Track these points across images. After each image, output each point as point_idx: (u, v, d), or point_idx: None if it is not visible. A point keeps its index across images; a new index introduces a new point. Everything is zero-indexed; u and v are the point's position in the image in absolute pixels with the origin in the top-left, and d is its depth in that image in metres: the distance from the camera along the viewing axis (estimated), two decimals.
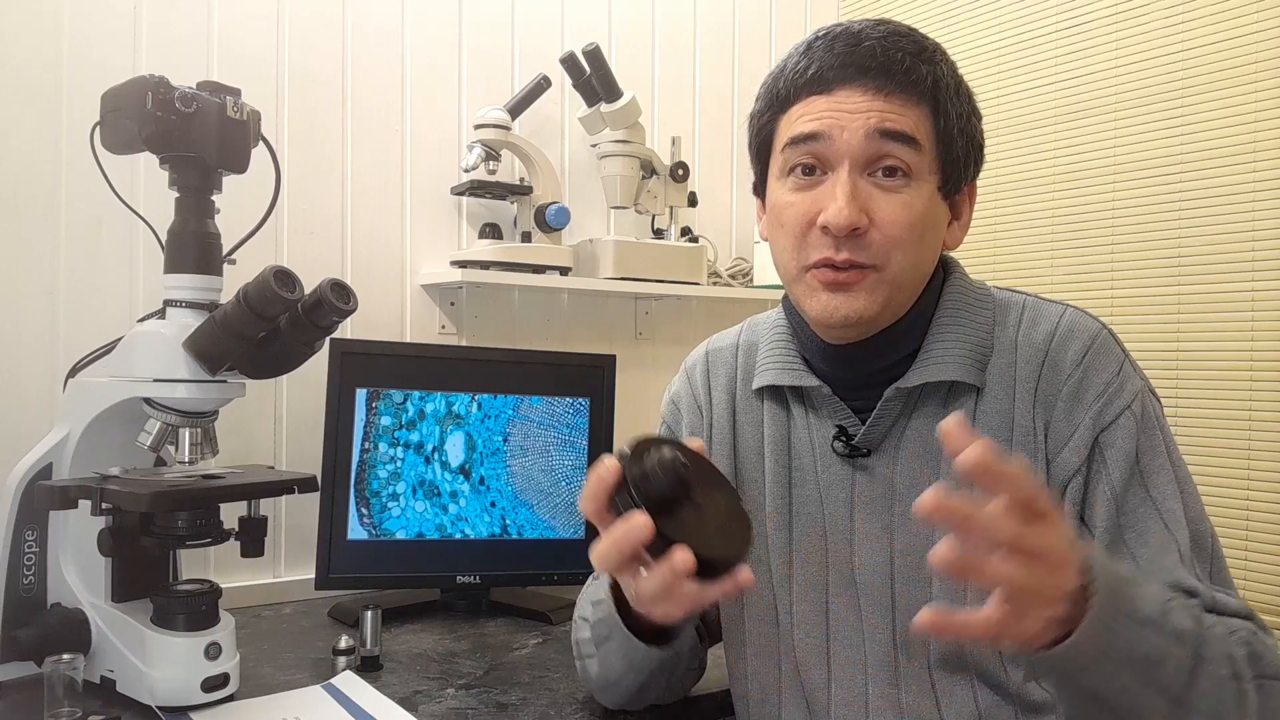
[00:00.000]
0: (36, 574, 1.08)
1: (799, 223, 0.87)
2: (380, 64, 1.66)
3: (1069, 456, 0.85)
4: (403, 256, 1.69)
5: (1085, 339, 0.88)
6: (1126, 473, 0.84)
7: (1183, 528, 0.83)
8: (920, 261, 0.89)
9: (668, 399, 1.12)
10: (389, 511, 1.44)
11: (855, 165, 0.85)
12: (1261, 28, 1.53)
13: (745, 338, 1.07)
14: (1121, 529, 0.84)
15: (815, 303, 0.87)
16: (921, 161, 0.86)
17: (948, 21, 1.98)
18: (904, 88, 0.85)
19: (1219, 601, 0.80)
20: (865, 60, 0.85)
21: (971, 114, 0.90)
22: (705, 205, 2.00)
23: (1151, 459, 0.85)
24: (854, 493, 0.93)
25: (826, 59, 0.86)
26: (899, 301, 0.89)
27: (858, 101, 0.85)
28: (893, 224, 0.85)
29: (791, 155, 0.88)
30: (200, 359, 1.03)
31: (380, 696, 1.07)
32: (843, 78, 0.85)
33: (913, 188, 0.86)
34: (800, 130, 0.87)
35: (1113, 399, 0.85)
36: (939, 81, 0.86)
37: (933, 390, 0.90)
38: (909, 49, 0.86)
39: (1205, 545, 0.84)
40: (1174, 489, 0.84)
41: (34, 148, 1.36)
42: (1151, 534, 0.83)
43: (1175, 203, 1.63)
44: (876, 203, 0.85)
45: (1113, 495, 0.84)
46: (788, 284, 0.92)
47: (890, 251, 0.85)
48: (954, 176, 0.89)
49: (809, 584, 0.95)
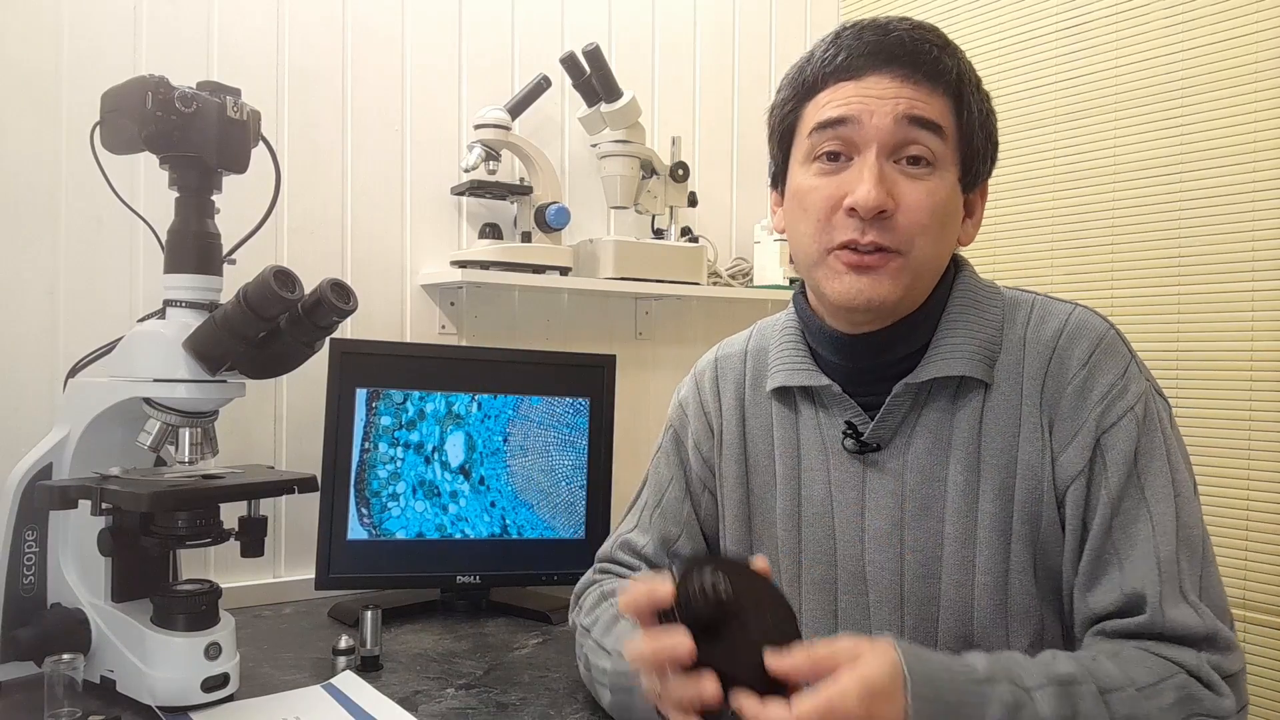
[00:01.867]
0: (36, 574, 1.08)
1: (824, 206, 0.88)
2: (380, 64, 1.66)
3: (1072, 457, 0.86)
4: (403, 256, 1.69)
5: (1093, 338, 0.88)
6: (1124, 475, 0.84)
7: (1169, 533, 0.83)
8: (941, 251, 0.89)
9: (675, 402, 1.13)
10: (389, 511, 1.44)
11: (883, 150, 0.86)
12: (1261, 28, 1.53)
13: (754, 343, 1.08)
14: (1112, 529, 0.84)
15: (839, 285, 0.88)
16: (945, 151, 0.87)
17: (948, 22, 1.98)
18: (931, 77, 0.86)
19: (1170, 622, 0.80)
20: (894, 48, 0.86)
21: (990, 111, 0.92)
22: (705, 205, 2.00)
23: (1150, 460, 0.85)
24: (864, 490, 0.93)
25: (856, 46, 0.87)
26: (918, 290, 0.90)
27: (886, 87, 0.86)
28: (918, 209, 0.86)
29: (818, 140, 0.89)
30: (200, 359, 1.03)
31: (380, 696, 1.06)
32: (872, 65, 0.87)
33: (936, 176, 0.87)
34: (829, 115, 0.87)
35: (1115, 401, 0.86)
36: (963, 75, 0.88)
37: (942, 386, 0.90)
38: (935, 41, 0.88)
39: (1195, 549, 0.84)
40: (1169, 492, 0.84)
41: (34, 148, 1.36)
42: (1138, 537, 0.83)
43: (1175, 203, 1.63)
44: (901, 188, 0.86)
45: (1110, 498, 0.84)
46: (808, 269, 0.92)
47: (915, 237, 0.86)
48: (973, 170, 0.90)
49: (818, 583, 0.96)
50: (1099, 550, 0.84)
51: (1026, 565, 0.87)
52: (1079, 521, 0.86)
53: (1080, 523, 0.86)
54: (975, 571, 0.88)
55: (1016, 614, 0.87)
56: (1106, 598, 0.83)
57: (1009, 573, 0.87)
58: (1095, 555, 0.85)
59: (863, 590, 0.93)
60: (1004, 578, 0.87)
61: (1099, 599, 0.84)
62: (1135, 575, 0.82)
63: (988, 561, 0.88)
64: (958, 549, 0.88)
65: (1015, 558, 0.87)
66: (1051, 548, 0.87)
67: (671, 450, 1.11)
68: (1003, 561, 0.87)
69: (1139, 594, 0.81)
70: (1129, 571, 0.82)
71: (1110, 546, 0.84)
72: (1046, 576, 0.88)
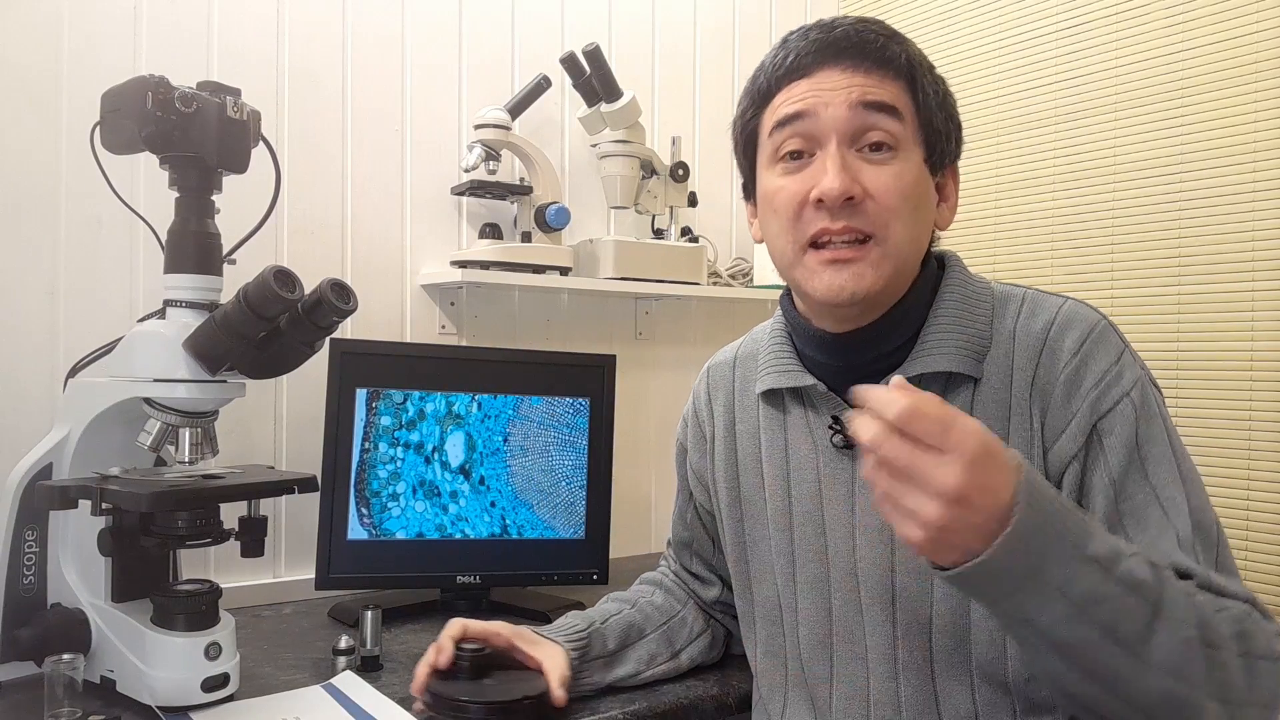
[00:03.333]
0: (36, 574, 1.08)
1: (792, 203, 0.88)
2: (380, 64, 1.66)
3: (1066, 443, 0.85)
4: (403, 256, 1.69)
5: (1084, 328, 0.87)
6: (1125, 459, 0.83)
7: (1183, 515, 0.81)
8: (917, 234, 0.89)
9: (681, 417, 1.17)
10: (389, 511, 1.44)
11: (842, 139, 0.87)
12: (1261, 28, 1.53)
13: (744, 349, 1.10)
14: (1121, 515, 0.83)
15: (819, 282, 0.88)
16: (905, 132, 0.88)
17: (948, 21, 1.98)
18: (880, 64, 0.88)
19: (1216, 584, 0.78)
20: (840, 42, 0.88)
21: (946, 92, 0.93)
22: (705, 205, 2.00)
23: (1152, 446, 0.84)
24: (854, 487, 0.93)
25: (803, 46, 0.89)
26: (900, 278, 0.90)
27: (837, 79, 0.87)
28: (887, 193, 0.86)
29: (779, 140, 0.90)
30: (200, 359, 1.03)
31: (380, 696, 1.06)
32: (820, 60, 0.88)
33: (900, 158, 0.87)
34: (785, 112, 0.89)
35: (1111, 386, 0.85)
36: (913, 59, 0.90)
37: (930, 381, 0.90)
38: (881, 31, 0.89)
39: (1210, 533, 0.83)
40: (1174, 476, 0.83)
41: (34, 148, 1.36)
42: (1150, 521, 0.82)
43: (1175, 203, 1.63)
44: (866, 175, 0.86)
45: (1111, 482, 0.83)
46: (786, 270, 0.93)
47: (889, 221, 0.86)
48: (938, 149, 0.91)
49: (811, 582, 0.96)
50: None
51: None
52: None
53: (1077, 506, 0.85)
54: None
55: None
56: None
57: None
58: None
59: (854, 587, 0.93)
60: None
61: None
62: (1157, 553, 0.80)
63: None
64: None
65: None
66: None
67: (679, 461, 1.17)
68: None
69: (1176, 566, 0.79)
70: (1148, 551, 0.81)
71: (1122, 535, 0.82)
72: None
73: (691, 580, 1.18)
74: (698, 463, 1.12)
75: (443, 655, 1.03)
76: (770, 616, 1.00)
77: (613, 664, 1.10)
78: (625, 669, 1.10)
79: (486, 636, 1.06)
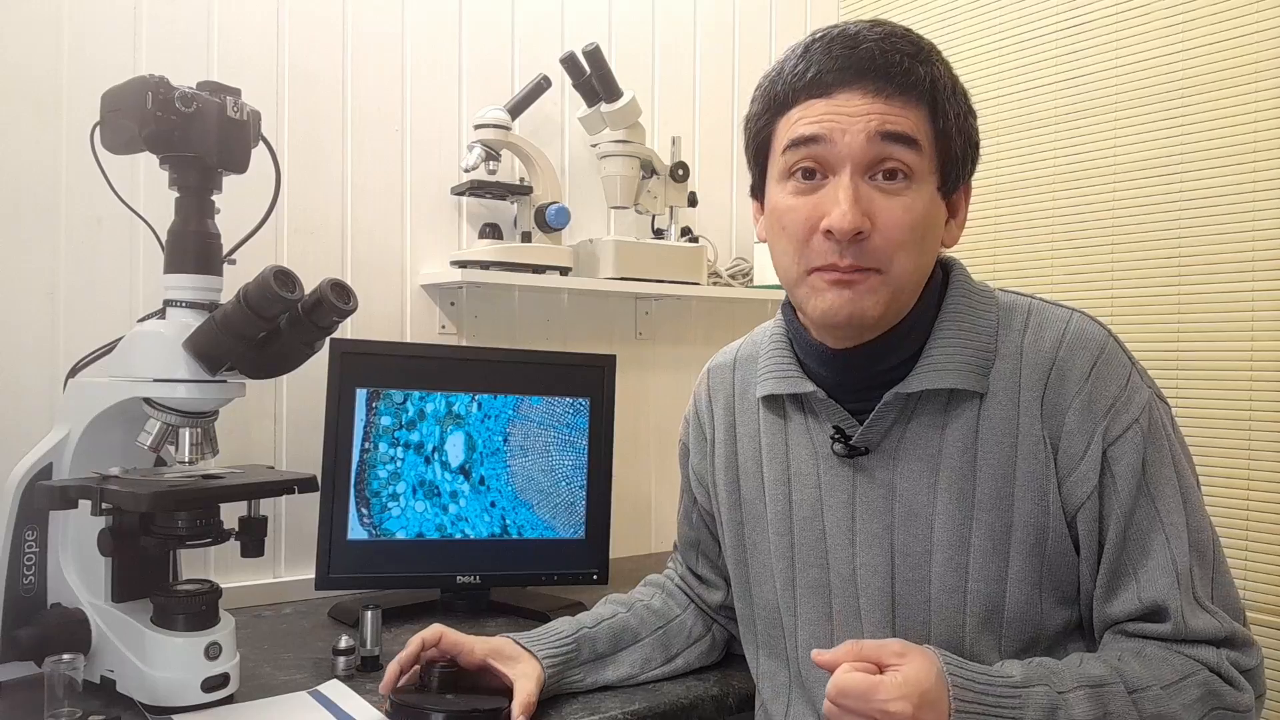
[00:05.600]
0: (36, 574, 1.08)
1: (801, 227, 0.87)
2: (380, 64, 1.66)
3: (1084, 474, 0.86)
4: (403, 256, 1.69)
5: (1094, 349, 0.87)
6: (1134, 487, 0.85)
7: (1183, 540, 0.84)
8: (921, 264, 0.89)
9: (683, 418, 1.17)
10: (389, 511, 1.44)
11: (857, 169, 0.85)
12: (1261, 28, 1.53)
13: (744, 351, 1.09)
14: (1126, 541, 0.85)
15: (820, 303, 0.87)
16: (922, 162, 0.86)
17: (948, 21, 1.98)
18: (903, 89, 0.85)
19: (1191, 629, 0.83)
20: (864, 63, 0.84)
21: (968, 113, 0.90)
22: (705, 205, 2.00)
23: (1159, 470, 0.86)
24: (854, 494, 0.93)
25: (825, 62, 0.86)
26: (900, 303, 0.89)
27: (857, 105, 0.84)
28: (895, 227, 0.85)
29: (792, 158, 0.87)
30: (200, 359, 1.03)
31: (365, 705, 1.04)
32: (841, 80, 0.85)
33: (914, 189, 0.86)
34: (800, 133, 0.86)
35: (1120, 413, 0.86)
36: (936, 82, 0.86)
37: (933, 395, 0.90)
38: (906, 50, 0.85)
39: (1206, 554, 0.86)
40: (1178, 500, 0.85)
41: (34, 148, 1.36)
42: (1153, 547, 0.85)
43: (1175, 203, 1.63)
44: (878, 206, 0.85)
45: (1122, 513, 0.85)
46: (789, 287, 0.92)
47: (893, 254, 0.85)
48: (952, 176, 0.89)
49: (812, 586, 0.96)
50: (1115, 563, 0.86)
51: (1028, 576, 0.87)
52: (1095, 539, 0.86)
53: (1096, 540, 0.86)
54: (968, 579, 0.88)
55: (1012, 622, 0.87)
56: (1125, 607, 0.85)
57: (1006, 581, 0.87)
58: (1112, 569, 0.86)
59: (854, 593, 0.93)
60: (1000, 586, 0.87)
61: (1118, 609, 0.86)
62: (1154, 588, 0.84)
63: (981, 569, 0.87)
64: (950, 554, 0.88)
65: (1015, 568, 0.87)
66: (1061, 560, 0.87)
67: (682, 462, 1.17)
68: (999, 570, 0.87)
69: (1160, 605, 0.83)
70: (1146, 584, 0.84)
71: (1126, 559, 0.85)
72: (1054, 588, 0.88)
73: (697, 584, 1.17)
74: (699, 464, 1.12)
75: (407, 672, 1.04)
76: (772, 621, 1.00)
77: (602, 667, 1.09)
78: (618, 671, 1.10)
79: (459, 653, 1.05)
